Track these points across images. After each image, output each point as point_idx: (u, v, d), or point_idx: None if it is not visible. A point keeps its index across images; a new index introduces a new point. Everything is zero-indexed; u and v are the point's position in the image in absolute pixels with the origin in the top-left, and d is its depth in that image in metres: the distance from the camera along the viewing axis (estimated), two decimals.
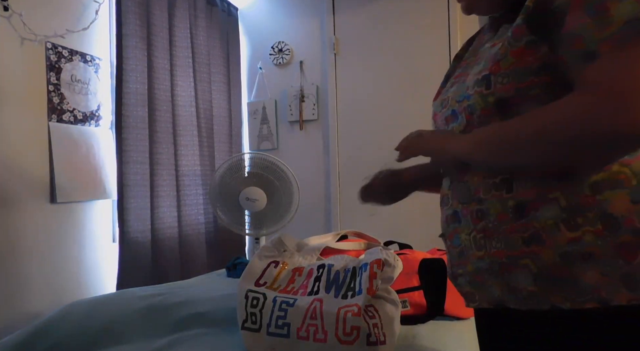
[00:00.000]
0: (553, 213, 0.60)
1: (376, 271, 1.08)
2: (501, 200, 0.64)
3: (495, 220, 0.65)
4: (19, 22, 1.85)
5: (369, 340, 0.99)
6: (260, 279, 1.17)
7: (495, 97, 0.64)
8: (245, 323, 1.10)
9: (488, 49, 0.71)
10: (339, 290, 1.10)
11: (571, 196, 0.59)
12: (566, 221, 0.59)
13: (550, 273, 0.60)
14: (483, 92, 0.65)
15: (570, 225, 0.59)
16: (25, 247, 1.87)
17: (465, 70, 0.78)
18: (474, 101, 0.67)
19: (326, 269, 1.15)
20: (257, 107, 3.11)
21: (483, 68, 0.67)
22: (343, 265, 1.16)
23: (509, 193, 0.64)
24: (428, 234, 2.50)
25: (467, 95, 0.69)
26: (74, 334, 1.28)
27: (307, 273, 1.17)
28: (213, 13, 2.87)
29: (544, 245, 0.60)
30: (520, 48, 0.62)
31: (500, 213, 0.64)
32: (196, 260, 2.58)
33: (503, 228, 0.64)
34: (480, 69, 0.68)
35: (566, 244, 0.59)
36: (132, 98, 2.19)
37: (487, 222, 0.66)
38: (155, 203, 2.33)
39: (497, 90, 0.64)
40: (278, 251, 1.23)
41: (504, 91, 0.63)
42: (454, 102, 0.73)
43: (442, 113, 0.78)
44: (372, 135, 2.82)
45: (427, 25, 2.70)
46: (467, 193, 0.70)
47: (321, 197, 2.95)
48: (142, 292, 1.49)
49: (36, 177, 1.92)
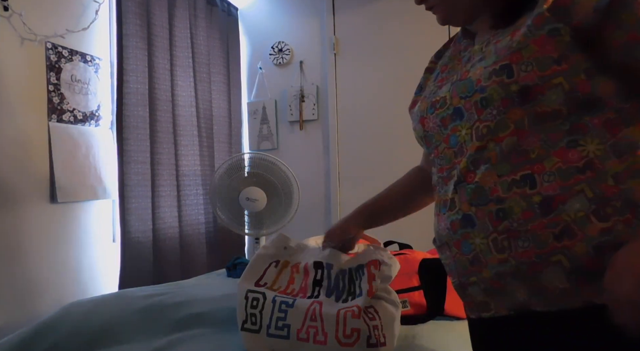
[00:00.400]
0: (582, 205, 0.59)
1: (374, 272, 1.07)
2: (525, 196, 0.62)
3: (520, 218, 0.63)
4: (19, 22, 1.85)
5: (369, 342, 0.99)
6: (260, 280, 1.16)
7: (519, 85, 0.63)
8: (245, 323, 1.10)
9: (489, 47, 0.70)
10: (340, 295, 1.09)
11: (595, 187, 0.59)
12: (596, 212, 0.58)
13: (583, 267, 0.59)
14: (504, 81, 0.64)
15: (600, 215, 0.58)
16: (25, 247, 1.87)
17: (450, 74, 0.78)
18: (492, 92, 0.65)
19: (325, 272, 1.13)
20: (257, 107, 3.11)
21: (497, 60, 0.66)
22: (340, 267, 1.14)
23: (533, 189, 0.62)
24: (428, 234, 2.50)
25: (480, 88, 0.67)
26: (74, 334, 1.28)
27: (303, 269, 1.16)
28: (213, 13, 2.87)
29: (576, 238, 0.59)
30: (542, 36, 0.62)
31: (525, 210, 0.62)
32: (197, 260, 2.58)
33: (530, 226, 0.62)
34: (493, 61, 0.67)
35: (598, 235, 0.58)
36: (132, 98, 2.19)
37: (511, 221, 0.63)
38: (156, 203, 2.33)
39: (521, 78, 0.63)
40: (278, 249, 1.22)
41: (528, 79, 0.62)
42: (456, 100, 0.71)
43: (437, 115, 0.76)
44: (372, 135, 2.82)
45: (427, 25, 2.69)
46: (482, 194, 0.67)
47: (321, 197, 2.95)
48: (142, 292, 1.49)
49: (36, 177, 1.92)
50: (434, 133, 0.77)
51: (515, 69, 0.63)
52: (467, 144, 0.69)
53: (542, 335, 0.64)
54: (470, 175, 0.69)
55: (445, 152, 0.75)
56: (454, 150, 0.72)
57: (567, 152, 0.62)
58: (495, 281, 0.66)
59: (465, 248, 0.69)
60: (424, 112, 0.80)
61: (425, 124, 0.79)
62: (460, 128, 0.71)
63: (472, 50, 0.76)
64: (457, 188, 0.71)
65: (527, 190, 0.62)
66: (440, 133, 0.76)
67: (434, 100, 0.77)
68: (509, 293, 0.65)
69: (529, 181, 0.63)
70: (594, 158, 0.60)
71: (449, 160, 0.74)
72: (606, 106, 0.62)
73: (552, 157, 0.62)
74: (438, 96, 0.76)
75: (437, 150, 0.77)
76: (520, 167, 0.64)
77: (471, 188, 0.68)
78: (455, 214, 0.71)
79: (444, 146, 0.75)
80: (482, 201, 0.66)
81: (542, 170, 0.62)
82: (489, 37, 0.73)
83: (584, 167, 0.60)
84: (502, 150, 0.65)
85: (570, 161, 0.61)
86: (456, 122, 0.72)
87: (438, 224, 0.76)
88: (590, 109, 0.62)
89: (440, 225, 0.75)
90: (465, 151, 0.70)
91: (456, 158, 0.72)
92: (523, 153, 0.64)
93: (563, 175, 0.61)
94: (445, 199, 0.74)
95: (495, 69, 0.65)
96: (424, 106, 0.80)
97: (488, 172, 0.66)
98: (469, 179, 0.69)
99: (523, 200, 0.63)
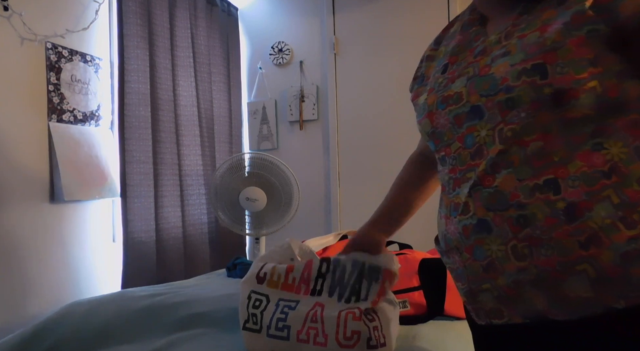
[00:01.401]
0: (608, 211, 0.56)
1: (386, 286, 1.06)
2: (549, 202, 0.59)
3: (544, 225, 0.59)
4: (19, 22, 1.85)
5: (369, 344, 0.99)
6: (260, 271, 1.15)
7: (553, 88, 0.59)
8: (246, 323, 1.10)
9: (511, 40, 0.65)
10: (343, 291, 1.07)
11: (621, 192, 0.57)
12: (623, 219, 0.56)
13: (608, 275, 0.57)
14: (537, 83, 0.60)
15: (627, 222, 0.56)
16: (25, 247, 1.87)
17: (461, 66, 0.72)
18: (521, 93, 0.61)
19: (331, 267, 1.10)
20: (257, 107, 3.11)
21: (527, 58, 0.61)
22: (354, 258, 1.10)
23: (557, 194, 0.59)
24: (428, 234, 2.51)
25: (506, 87, 0.62)
26: (74, 334, 1.28)
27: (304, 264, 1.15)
28: (213, 13, 2.87)
29: (603, 246, 0.56)
30: (580, 37, 0.58)
31: (549, 217, 0.59)
32: (199, 260, 2.58)
33: (554, 234, 0.59)
34: (521, 59, 0.62)
35: (626, 243, 0.56)
36: (134, 98, 2.19)
37: (533, 228, 0.60)
38: (159, 202, 2.33)
39: (556, 81, 0.59)
40: (283, 258, 1.19)
41: (563, 82, 0.58)
42: (475, 97, 0.66)
43: (449, 112, 0.70)
44: (372, 134, 2.82)
45: (427, 25, 2.70)
46: (501, 199, 0.63)
47: (321, 197, 2.95)
48: (142, 292, 1.49)
49: (36, 177, 1.92)
50: (445, 131, 0.73)
51: (549, 70, 0.59)
52: (488, 146, 0.65)
53: (561, 343, 0.62)
54: (488, 178, 0.65)
55: (459, 152, 0.70)
56: (470, 151, 0.68)
57: (591, 155, 0.58)
58: (511, 289, 0.63)
59: (479, 254, 0.66)
60: (432, 106, 0.74)
61: (433, 120, 0.74)
62: (479, 128, 0.66)
63: (488, 41, 0.71)
64: (472, 192, 0.66)
65: (551, 195, 0.59)
66: (453, 132, 0.71)
67: (446, 95, 0.72)
68: (526, 301, 0.63)
69: (552, 186, 0.59)
70: (618, 162, 0.58)
71: (463, 162, 0.69)
72: (630, 108, 0.59)
73: (576, 160, 0.59)
74: (451, 91, 0.71)
75: (448, 149, 0.72)
76: (542, 171, 0.60)
77: (488, 192, 0.64)
78: (468, 219, 0.67)
79: (458, 146, 0.70)
80: (501, 206, 0.63)
81: (566, 175, 0.59)
82: (508, 27, 0.68)
83: (610, 171, 0.57)
84: (525, 154, 0.62)
85: (596, 165, 0.58)
86: (474, 121, 0.67)
87: (446, 227, 0.72)
88: (614, 112, 0.59)
89: (449, 228, 0.71)
90: (486, 154, 0.65)
91: (473, 161, 0.67)
92: (545, 155, 0.61)
93: (588, 180, 0.58)
94: (457, 202, 0.69)
95: (525, 68, 0.61)
96: (433, 100, 0.74)
97: (508, 175, 0.63)
98: (486, 183, 0.65)
99: (546, 206, 0.59)
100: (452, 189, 0.71)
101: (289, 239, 1.22)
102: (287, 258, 1.19)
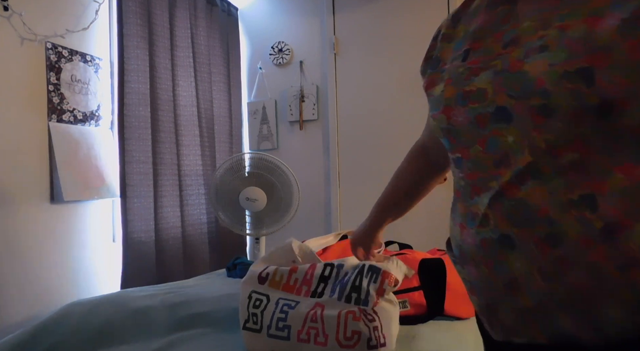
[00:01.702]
0: None
1: (385, 288, 1.07)
2: (583, 221, 0.52)
3: (578, 245, 0.52)
4: (19, 22, 1.85)
5: (370, 344, 0.99)
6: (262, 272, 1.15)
7: (601, 97, 0.50)
8: (247, 323, 1.10)
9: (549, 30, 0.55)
10: (342, 291, 1.08)
11: None
12: None
13: None
14: (581, 90, 0.50)
15: None
16: (25, 247, 1.87)
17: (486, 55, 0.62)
18: (560, 100, 0.52)
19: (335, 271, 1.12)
20: (257, 107, 3.11)
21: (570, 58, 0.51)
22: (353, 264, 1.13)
23: (593, 212, 0.51)
24: (428, 234, 2.51)
25: (542, 92, 0.53)
26: (74, 334, 1.28)
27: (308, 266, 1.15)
28: (213, 13, 2.87)
29: None
30: None
31: (583, 236, 0.52)
32: (199, 260, 2.58)
33: (588, 255, 0.52)
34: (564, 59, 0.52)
35: None
36: (134, 98, 2.19)
37: (565, 248, 0.53)
38: (158, 202, 2.34)
39: (604, 89, 0.49)
40: (287, 261, 1.19)
41: (612, 91, 0.49)
42: (502, 98, 0.57)
43: (470, 110, 0.61)
44: (372, 135, 2.82)
45: (428, 25, 2.70)
46: (527, 213, 0.55)
47: (321, 197, 2.96)
48: (142, 292, 1.49)
49: (36, 177, 1.92)
50: (463, 130, 0.63)
51: (597, 76, 0.49)
52: (516, 155, 0.56)
53: None
54: (513, 189, 0.57)
55: (479, 156, 0.61)
56: (494, 158, 0.59)
57: (634, 169, 0.51)
58: (536, 309, 0.57)
59: (500, 270, 0.59)
60: (450, 100, 0.64)
61: (451, 116, 0.65)
62: (506, 133, 0.57)
63: (520, 27, 0.59)
64: (494, 203, 0.59)
65: (588, 213, 0.51)
66: (473, 133, 0.62)
67: (467, 90, 0.62)
68: (551, 322, 0.56)
69: (589, 202, 0.52)
70: None
71: (484, 168, 0.61)
72: None
73: (616, 174, 0.51)
74: (474, 85, 0.61)
75: (466, 151, 0.64)
76: (578, 185, 0.52)
77: (511, 204, 0.57)
78: (489, 232, 0.60)
79: (479, 149, 0.61)
80: (527, 222, 0.55)
81: (605, 191, 0.51)
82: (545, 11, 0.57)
83: None
84: (559, 165, 0.54)
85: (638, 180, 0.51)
86: (499, 124, 0.58)
87: (462, 237, 0.65)
88: None
89: (464, 238, 0.64)
90: (512, 163, 0.57)
91: (497, 169, 0.59)
92: (582, 169, 0.53)
93: (630, 197, 0.51)
94: (475, 212, 0.62)
95: (568, 72, 0.51)
96: (451, 93, 0.64)
97: (537, 187, 0.55)
98: (510, 194, 0.57)
99: (580, 224, 0.52)
100: (470, 197, 0.63)
101: (290, 239, 1.23)
102: (288, 261, 1.19)
